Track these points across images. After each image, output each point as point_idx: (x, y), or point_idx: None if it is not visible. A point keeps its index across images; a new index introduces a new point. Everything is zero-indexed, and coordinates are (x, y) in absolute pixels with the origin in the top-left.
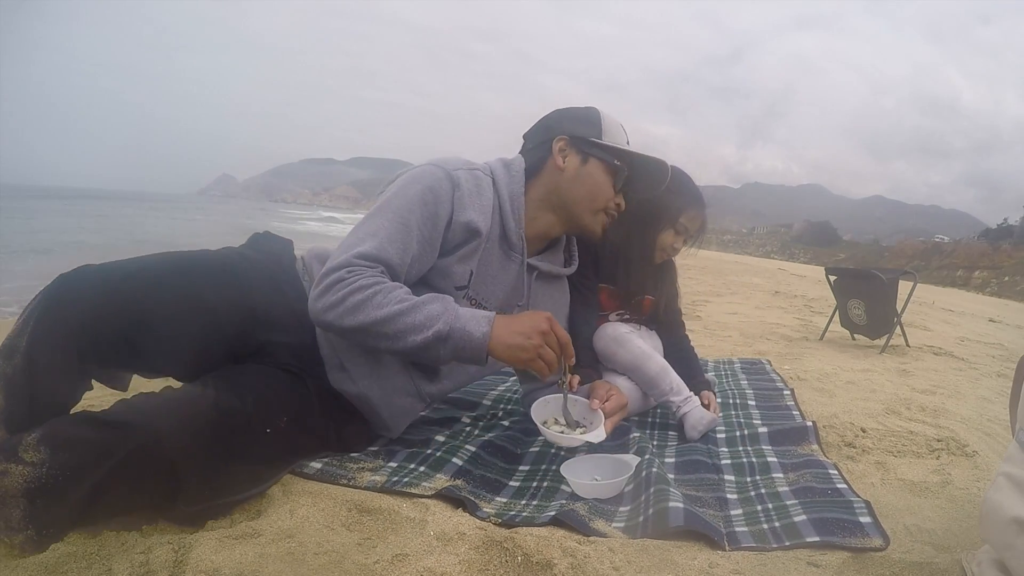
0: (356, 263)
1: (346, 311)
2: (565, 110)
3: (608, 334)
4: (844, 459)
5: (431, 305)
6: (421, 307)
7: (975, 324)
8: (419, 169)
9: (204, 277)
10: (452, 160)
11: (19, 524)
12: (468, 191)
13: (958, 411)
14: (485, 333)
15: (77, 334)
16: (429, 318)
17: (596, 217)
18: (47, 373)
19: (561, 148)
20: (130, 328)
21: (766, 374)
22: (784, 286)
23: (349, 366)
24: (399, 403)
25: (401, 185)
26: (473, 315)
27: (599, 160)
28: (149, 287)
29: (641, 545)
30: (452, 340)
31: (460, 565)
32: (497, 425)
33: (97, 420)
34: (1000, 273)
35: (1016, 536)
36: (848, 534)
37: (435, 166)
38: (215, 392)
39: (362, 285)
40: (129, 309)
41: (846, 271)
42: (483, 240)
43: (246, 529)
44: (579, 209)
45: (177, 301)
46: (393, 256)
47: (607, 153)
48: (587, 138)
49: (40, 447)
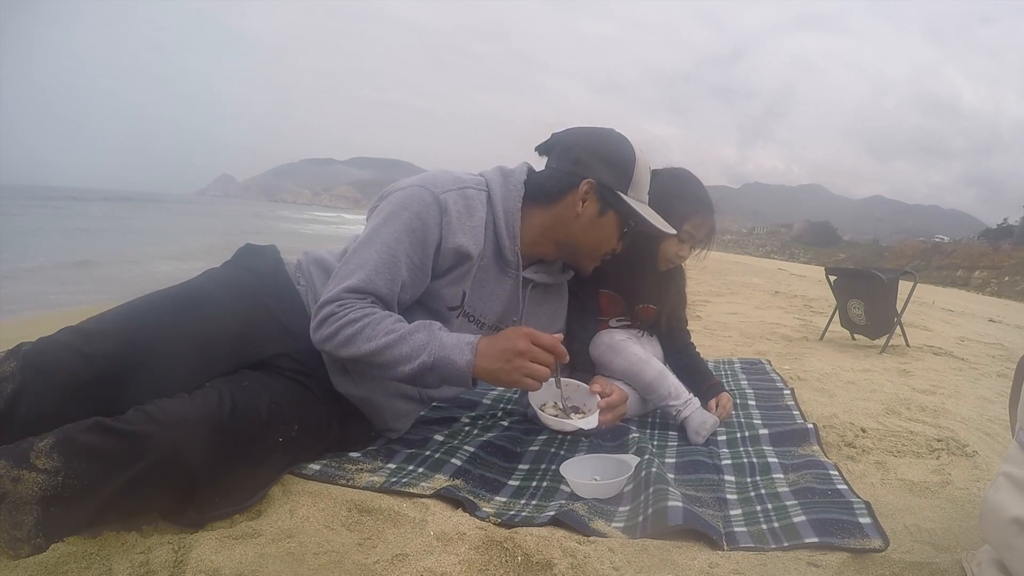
0: (345, 297)
1: (340, 344)
2: (600, 142)
3: (604, 341)
4: (844, 459)
5: (416, 335)
6: (407, 338)
7: (975, 324)
8: (407, 192)
9: (184, 321)
10: (441, 179)
11: (30, 531)
12: (457, 214)
13: (958, 411)
14: (468, 362)
15: (60, 400)
16: (414, 349)
17: (594, 262)
18: (26, 423)
19: (586, 192)
20: (114, 391)
21: (766, 374)
22: (784, 286)
23: (351, 368)
24: (401, 405)
25: (389, 212)
26: (457, 343)
27: (616, 215)
28: (127, 345)
29: (641, 545)
30: (438, 369)
31: (460, 565)
32: (497, 425)
33: (113, 429)
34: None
35: (1016, 536)
36: (848, 535)
37: (423, 188)
38: (231, 401)
39: (352, 319)
40: (112, 374)
41: (846, 271)
42: (475, 262)
43: (246, 529)
44: (581, 253)
45: (159, 356)
46: (381, 287)
47: (626, 211)
48: (614, 190)
49: (53, 454)
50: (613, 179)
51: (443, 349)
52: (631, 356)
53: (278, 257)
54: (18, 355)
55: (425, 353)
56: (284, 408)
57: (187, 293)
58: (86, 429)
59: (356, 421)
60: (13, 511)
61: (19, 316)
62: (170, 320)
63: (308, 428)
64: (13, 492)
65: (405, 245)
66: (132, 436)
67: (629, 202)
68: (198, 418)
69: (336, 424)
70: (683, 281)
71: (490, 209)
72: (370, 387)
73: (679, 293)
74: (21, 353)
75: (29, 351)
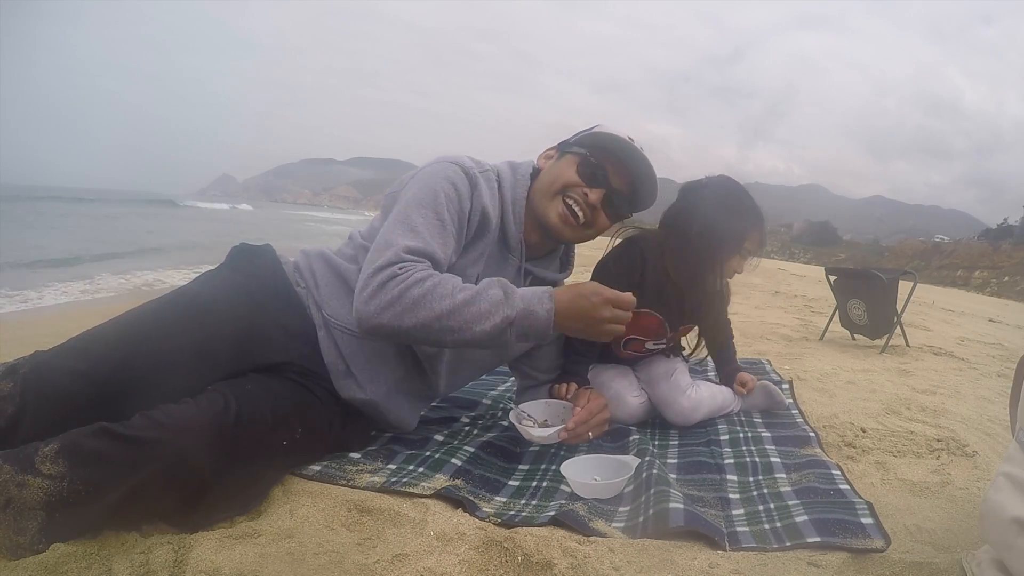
0: (407, 258)
1: (405, 309)
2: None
3: (593, 380)
4: (844, 459)
5: (492, 291)
6: (483, 294)
7: (975, 324)
8: (437, 166)
9: (184, 331)
10: (465, 158)
11: (34, 536)
12: (484, 186)
13: (958, 411)
14: (549, 310)
15: (63, 419)
16: (493, 304)
17: (552, 202)
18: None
19: (548, 155)
20: (116, 403)
21: (766, 374)
22: (784, 286)
23: (355, 370)
24: (405, 405)
25: (424, 183)
26: (535, 294)
27: (571, 154)
28: (127, 359)
29: (641, 545)
30: (519, 323)
31: (460, 565)
32: (496, 425)
33: (118, 434)
34: (1000, 273)
35: (1016, 536)
36: (849, 535)
37: (452, 163)
38: (236, 406)
39: (419, 279)
40: (113, 390)
41: (846, 271)
42: (491, 236)
43: (246, 529)
44: (538, 198)
45: (160, 368)
46: (437, 250)
47: (577, 145)
48: (569, 142)
49: (59, 459)
50: (571, 138)
51: (523, 301)
52: (608, 393)
53: (275, 257)
54: (16, 376)
55: (507, 306)
56: (288, 411)
57: (185, 300)
58: (91, 434)
59: (356, 422)
60: (18, 516)
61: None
62: (170, 331)
63: (311, 430)
64: (18, 497)
65: (448, 212)
66: (137, 442)
67: (582, 142)
68: (203, 423)
69: (337, 425)
70: (727, 297)
71: (500, 196)
72: (374, 388)
73: (724, 309)
74: (20, 377)
75: (29, 375)
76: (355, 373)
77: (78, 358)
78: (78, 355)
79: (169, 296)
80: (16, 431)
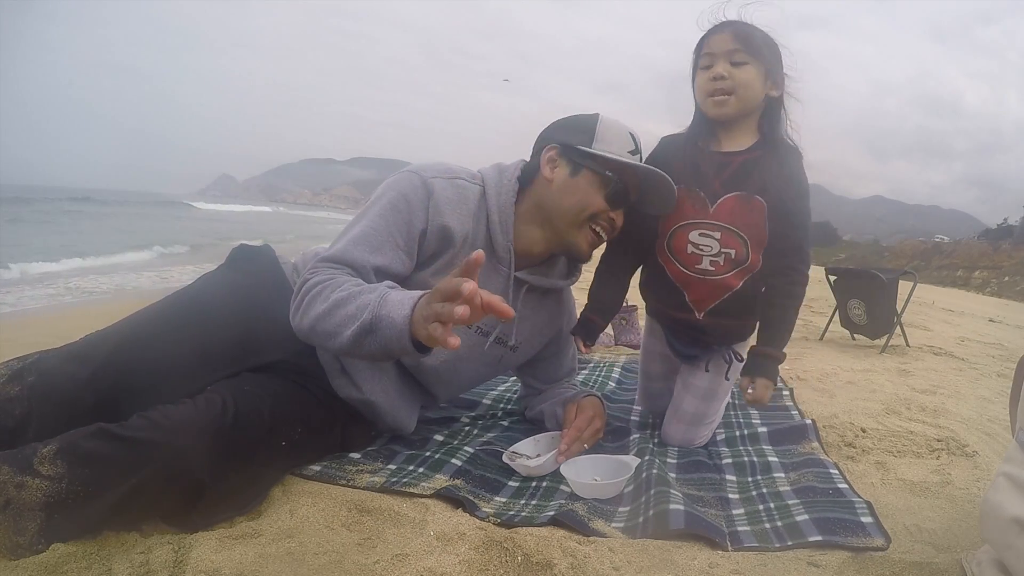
0: (319, 266)
1: (301, 315)
2: (564, 118)
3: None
4: (844, 459)
5: (367, 294)
6: (356, 297)
7: (975, 324)
8: (396, 177)
9: (185, 336)
10: (432, 167)
11: (33, 537)
12: (445, 199)
13: (958, 411)
14: (405, 317)
15: (67, 421)
16: (360, 308)
17: (581, 231)
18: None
19: (551, 158)
20: (119, 405)
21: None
22: None
23: (351, 370)
24: (403, 407)
25: (378, 195)
26: (402, 298)
27: (591, 171)
28: (130, 364)
29: (641, 545)
30: (377, 330)
31: (460, 565)
32: (497, 425)
33: (116, 435)
34: (1000, 273)
35: (1016, 536)
36: (850, 534)
37: (412, 173)
38: (234, 406)
39: (316, 281)
40: (116, 394)
41: (846, 271)
42: (459, 248)
43: (246, 529)
44: (563, 223)
45: (162, 370)
46: (357, 257)
47: (598, 163)
48: (577, 147)
49: (57, 460)
50: (575, 137)
51: (385, 305)
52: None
53: (274, 258)
54: (23, 381)
55: (368, 311)
56: (286, 411)
57: (186, 302)
58: (90, 435)
59: (357, 422)
60: (17, 517)
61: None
62: (172, 336)
63: (310, 430)
64: (17, 498)
65: (388, 222)
66: (136, 442)
67: (599, 152)
68: (202, 424)
69: (337, 425)
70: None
71: (484, 204)
72: (370, 388)
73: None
74: (28, 384)
75: (36, 383)
76: (350, 372)
77: (82, 364)
78: (82, 361)
79: (170, 299)
80: (25, 432)
